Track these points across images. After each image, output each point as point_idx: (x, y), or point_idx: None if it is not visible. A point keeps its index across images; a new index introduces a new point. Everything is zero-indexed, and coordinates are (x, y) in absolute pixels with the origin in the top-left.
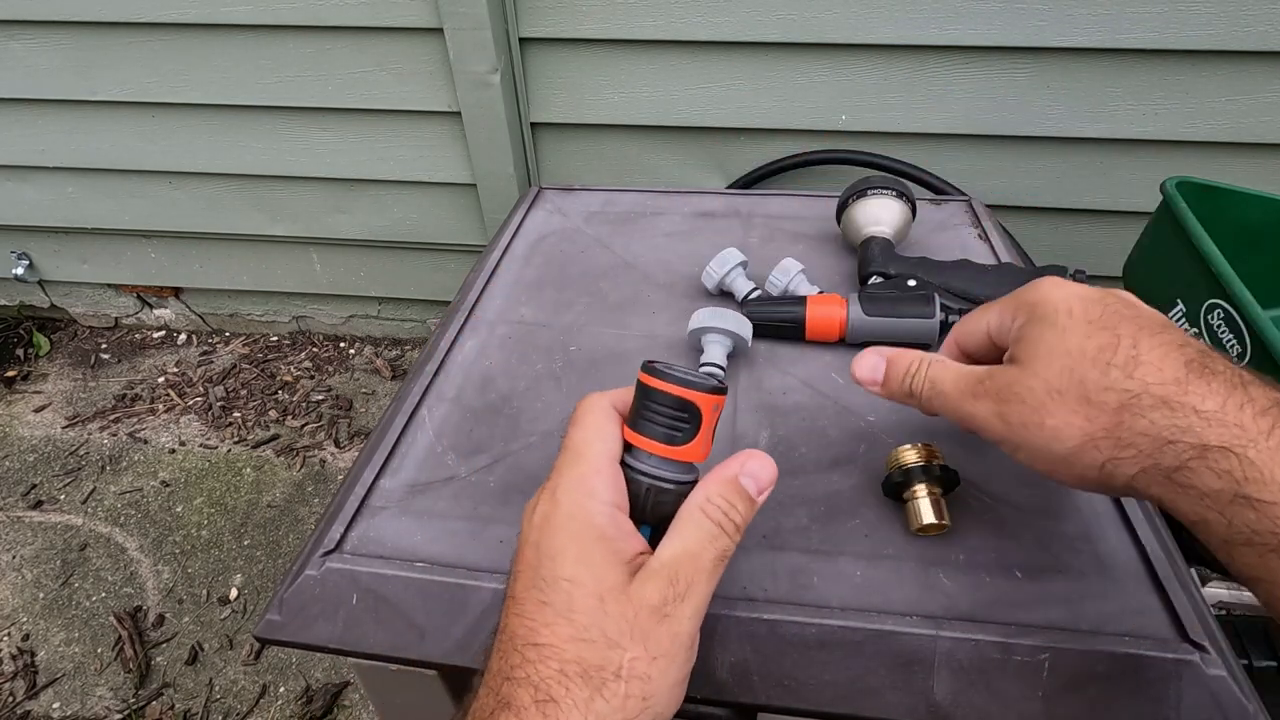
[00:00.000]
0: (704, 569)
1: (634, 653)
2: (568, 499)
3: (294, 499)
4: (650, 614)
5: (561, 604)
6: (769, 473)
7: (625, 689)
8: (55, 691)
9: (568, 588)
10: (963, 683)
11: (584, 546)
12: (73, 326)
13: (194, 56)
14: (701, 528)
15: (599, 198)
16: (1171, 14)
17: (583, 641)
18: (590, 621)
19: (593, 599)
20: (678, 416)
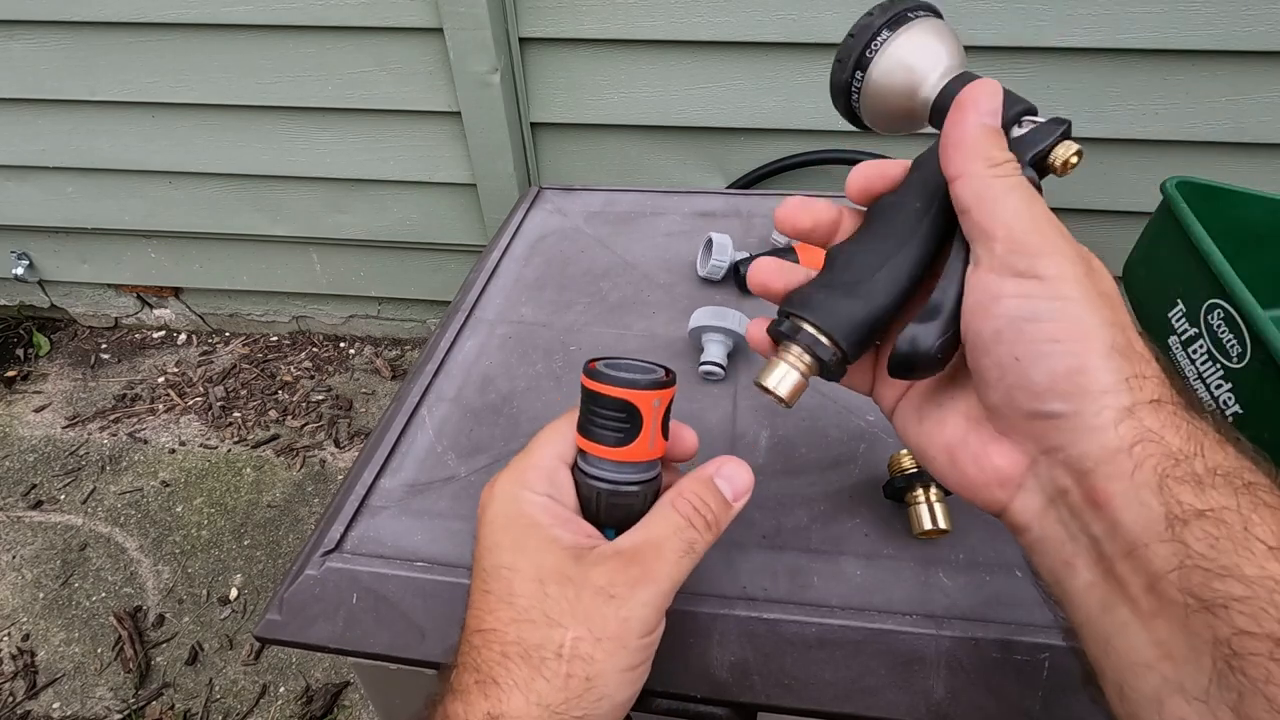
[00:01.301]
0: (665, 557)
1: (576, 632)
2: (502, 492)
3: (294, 499)
4: (595, 594)
5: (502, 590)
6: (744, 478)
7: (567, 668)
8: (55, 691)
9: (507, 574)
10: (963, 682)
11: (518, 535)
12: (73, 326)
13: (194, 56)
14: (668, 519)
15: (599, 198)
16: (1172, 14)
17: (524, 623)
18: (530, 603)
19: (532, 582)
20: (615, 418)
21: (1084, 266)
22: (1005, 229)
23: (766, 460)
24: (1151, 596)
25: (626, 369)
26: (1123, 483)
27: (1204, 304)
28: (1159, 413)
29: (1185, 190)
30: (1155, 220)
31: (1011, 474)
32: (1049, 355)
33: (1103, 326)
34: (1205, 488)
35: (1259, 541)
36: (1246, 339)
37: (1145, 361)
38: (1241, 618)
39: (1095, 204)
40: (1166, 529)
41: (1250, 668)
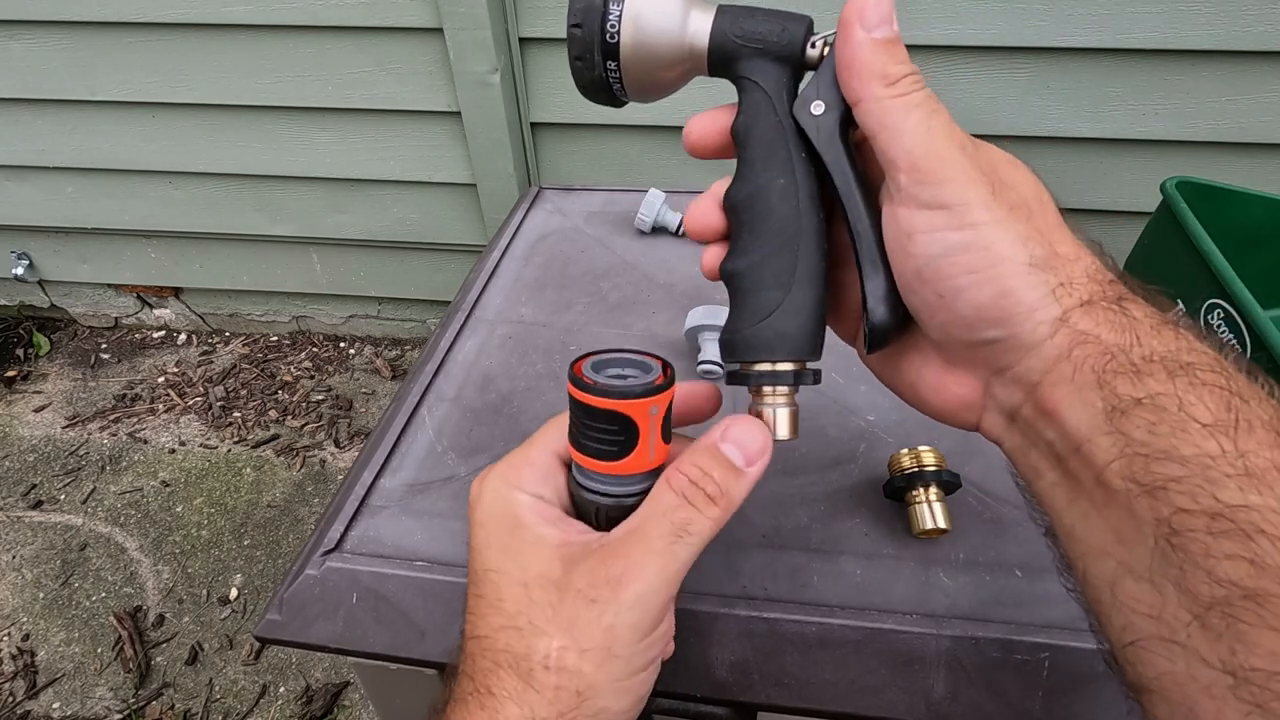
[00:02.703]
0: (652, 547)
1: (560, 641)
2: (491, 490)
3: (294, 499)
4: (576, 599)
5: (491, 595)
6: (757, 438)
7: (555, 680)
8: (55, 691)
9: (495, 578)
10: (963, 682)
11: (506, 536)
12: (73, 326)
13: (194, 56)
14: (657, 500)
15: (599, 198)
16: (1171, 14)
17: (511, 630)
18: (517, 609)
19: (518, 586)
20: (608, 430)
21: (988, 184)
22: (907, 157)
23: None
24: (1100, 487)
25: (617, 367)
26: (1066, 387)
27: (1204, 304)
28: (1091, 313)
29: (1185, 190)
30: (1155, 220)
31: (971, 399)
32: (969, 288)
33: (1016, 244)
34: (1142, 376)
35: (1194, 421)
36: (1247, 339)
37: (1070, 262)
38: (1179, 497)
39: (1095, 204)
40: (1107, 421)
41: (1189, 544)
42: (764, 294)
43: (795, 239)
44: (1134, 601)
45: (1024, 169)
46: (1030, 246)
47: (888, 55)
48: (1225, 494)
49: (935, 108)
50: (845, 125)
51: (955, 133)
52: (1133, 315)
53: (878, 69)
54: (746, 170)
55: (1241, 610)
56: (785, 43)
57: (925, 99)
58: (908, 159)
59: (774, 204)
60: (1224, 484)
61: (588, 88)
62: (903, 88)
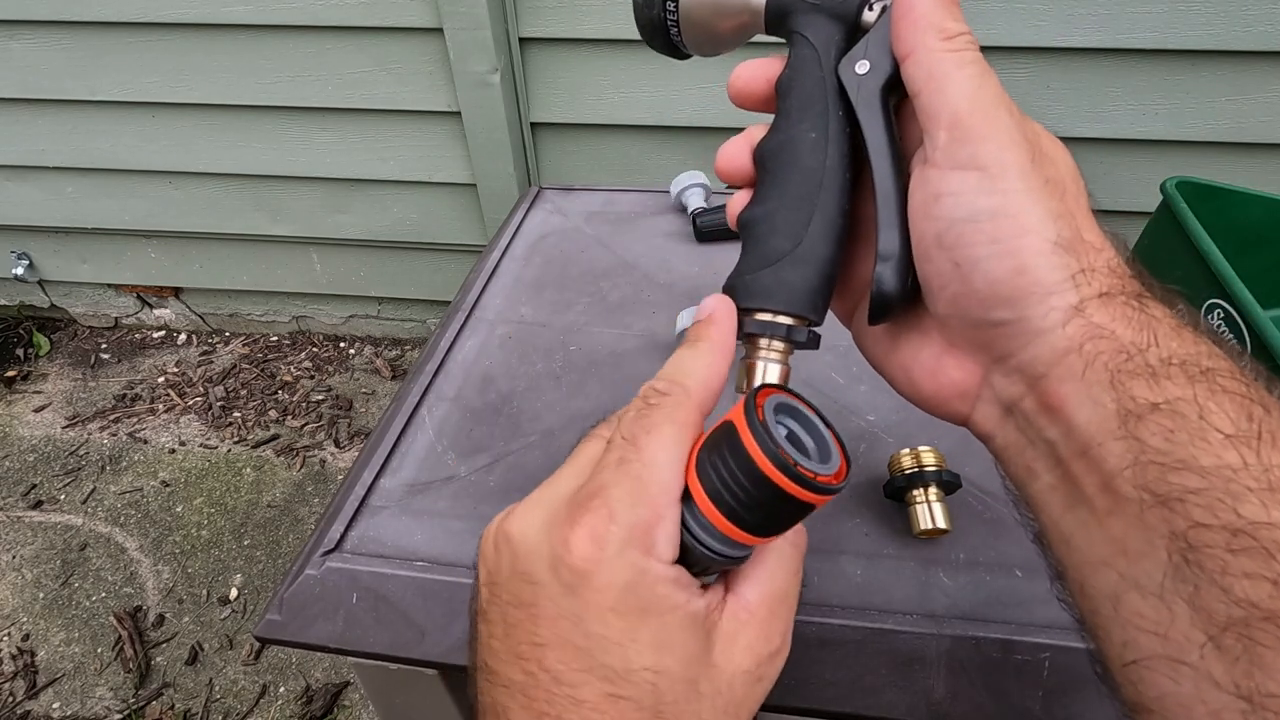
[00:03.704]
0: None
1: None
2: (626, 567)
3: (294, 499)
4: (744, 681)
5: (646, 698)
6: None
7: None
8: (55, 691)
9: (651, 678)
10: (963, 682)
11: (660, 627)
12: (73, 326)
13: (194, 56)
14: (788, 563)
15: (599, 198)
16: (1172, 14)
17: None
18: (683, 710)
19: (682, 684)
20: (786, 512)
21: (1029, 151)
22: (950, 112)
23: None
24: (1106, 495)
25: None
26: (1074, 384)
27: (1204, 304)
28: (1109, 306)
29: (1185, 190)
30: (1155, 220)
31: (967, 386)
32: (988, 259)
33: (1045, 220)
34: (1160, 379)
35: (1215, 430)
36: (1247, 339)
37: (1095, 251)
38: (1197, 510)
39: (1095, 204)
40: (1120, 425)
41: (1206, 560)
42: (774, 241)
43: (815, 193)
44: (1138, 618)
45: (1064, 149)
46: (1059, 225)
47: (947, 10)
48: (1247, 509)
49: (987, 69)
50: (888, 89)
51: (1004, 97)
52: (1152, 314)
53: (935, 21)
54: (781, 120)
55: (1260, 633)
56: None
57: (979, 59)
58: (951, 113)
59: (801, 155)
60: (1246, 498)
61: (646, 28)
62: (958, 44)
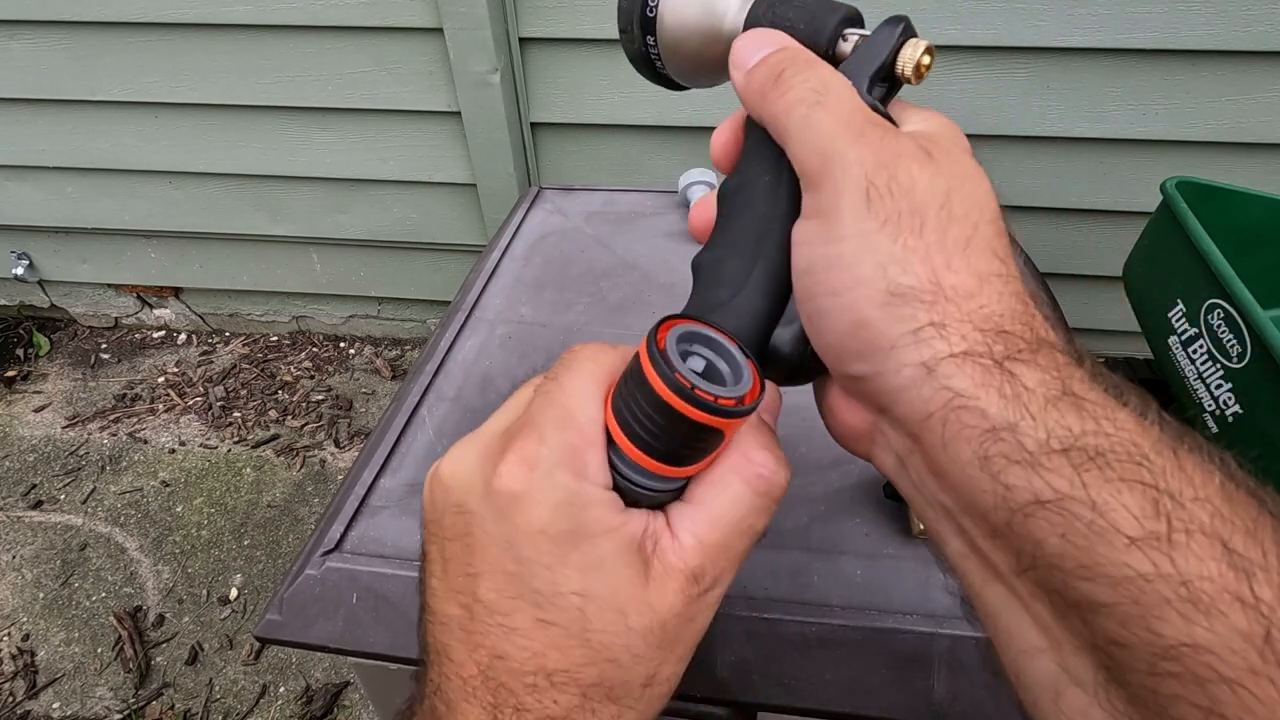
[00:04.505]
0: (737, 554)
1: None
2: (554, 488)
3: (294, 499)
4: (677, 620)
5: (573, 624)
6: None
7: (650, 693)
8: (55, 691)
9: (578, 603)
10: (963, 681)
11: (590, 549)
12: (73, 326)
13: (194, 56)
14: (739, 501)
15: (599, 197)
16: (1171, 14)
17: (606, 663)
18: (612, 640)
19: (611, 613)
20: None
21: (863, 189)
22: (798, 161)
23: None
24: (1024, 581)
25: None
26: (947, 455)
27: (1204, 304)
28: (966, 368)
29: (1185, 190)
30: (1155, 220)
31: (861, 430)
32: (830, 312)
33: (878, 267)
34: (1040, 469)
35: (1117, 532)
36: (1246, 339)
37: (955, 299)
38: (1112, 626)
39: (1095, 204)
40: (1008, 519)
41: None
42: (715, 291)
43: (763, 240)
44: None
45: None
46: (894, 272)
47: (762, 69)
48: (1166, 628)
49: (819, 97)
50: None
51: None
52: (1022, 383)
53: (757, 83)
54: (742, 162)
55: None
56: (816, 29)
57: (808, 90)
58: (798, 163)
59: (753, 200)
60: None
61: (634, 62)
62: (783, 84)
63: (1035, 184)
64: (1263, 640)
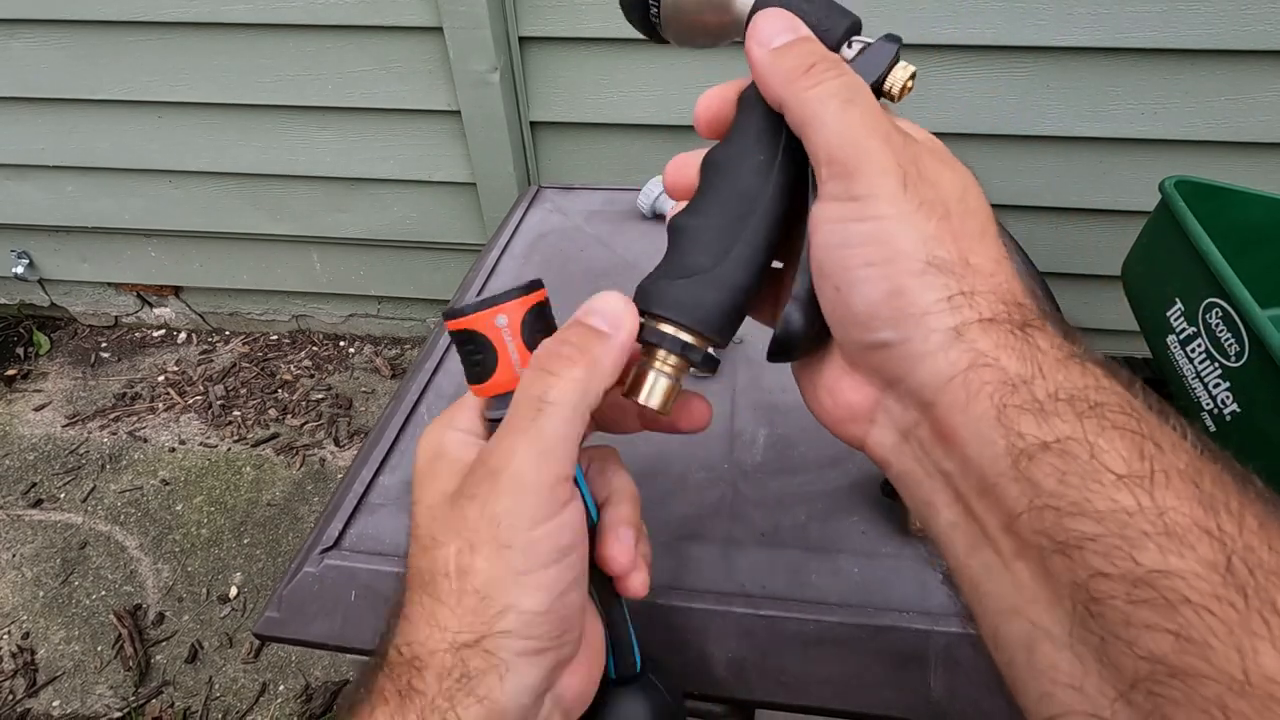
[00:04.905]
0: (516, 429)
1: (455, 545)
2: (427, 434)
3: (293, 497)
4: (463, 502)
5: (412, 527)
6: (614, 303)
7: (456, 585)
8: (55, 689)
9: (413, 509)
10: (960, 679)
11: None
12: (73, 325)
13: (194, 55)
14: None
15: (599, 197)
16: (1171, 13)
17: (420, 552)
18: (423, 531)
19: (424, 509)
20: (468, 350)
21: (900, 177)
22: (825, 149)
23: (764, 458)
24: (1010, 538)
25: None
26: (963, 414)
27: (1202, 303)
28: (990, 333)
29: (1184, 189)
30: (1154, 219)
31: (862, 408)
32: (864, 281)
33: (919, 242)
34: (1048, 415)
35: (1107, 471)
36: (1245, 338)
37: (980, 275)
38: (1095, 558)
39: (1094, 203)
40: (1012, 465)
41: (1109, 611)
42: (696, 255)
43: (748, 216)
44: (1053, 670)
45: (955, 168)
46: (931, 246)
47: (792, 54)
48: (1145, 556)
49: (852, 96)
50: None
51: (878, 121)
52: (1037, 344)
53: (785, 66)
54: (734, 133)
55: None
56: (824, 29)
57: (841, 87)
58: (825, 151)
59: (743, 174)
60: (1143, 544)
61: (627, 4)
62: (815, 76)
63: (1035, 183)
64: (1225, 568)
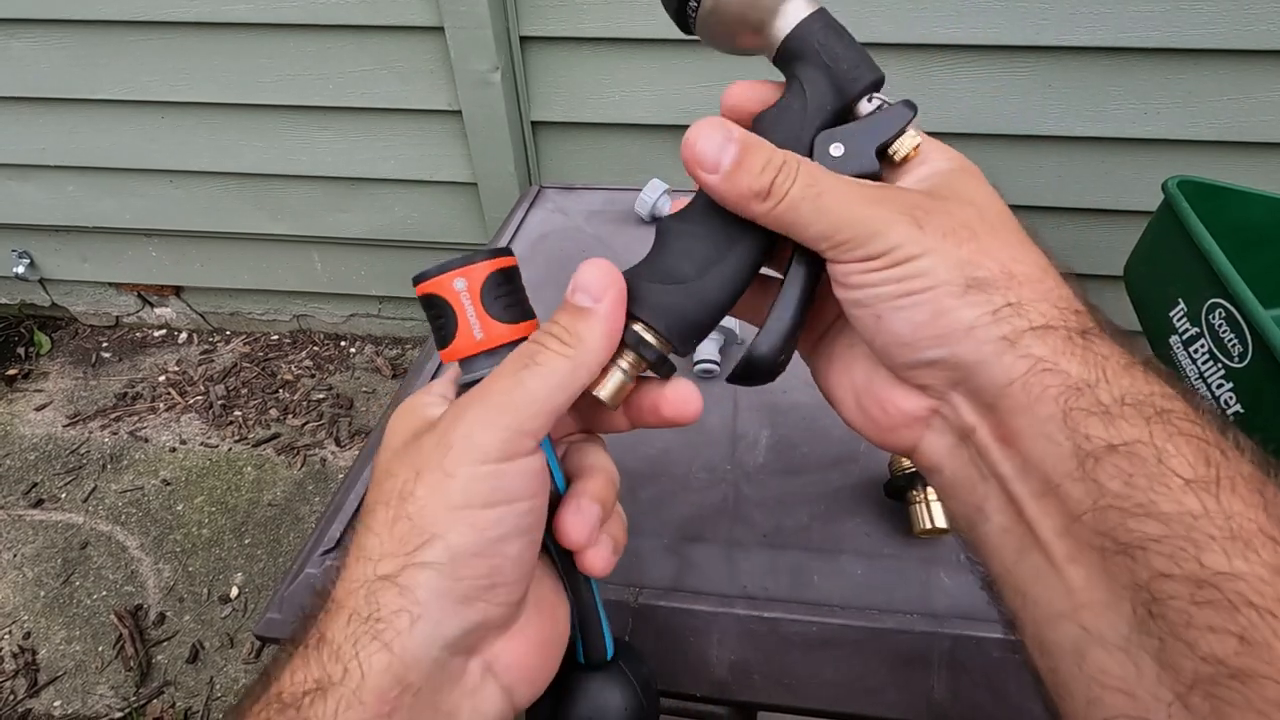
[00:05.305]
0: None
1: (403, 475)
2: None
3: (294, 498)
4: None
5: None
6: (599, 274)
7: (393, 513)
8: (56, 689)
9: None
10: (964, 681)
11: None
12: (74, 325)
13: (195, 55)
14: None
15: (600, 196)
16: (1173, 13)
17: (371, 489)
18: (380, 470)
19: (387, 451)
20: (433, 315)
21: (909, 222)
22: (819, 239)
23: (767, 459)
24: (1066, 540)
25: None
26: (1026, 417)
27: (1205, 303)
28: (1048, 339)
29: (1187, 189)
30: (1156, 219)
31: (918, 414)
32: (906, 308)
33: (955, 267)
34: (1114, 419)
35: (1174, 475)
36: (1248, 338)
37: (1026, 284)
38: (1159, 559)
39: (1096, 203)
40: (1078, 466)
41: (1170, 612)
42: (680, 263)
43: (737, 239)
44: (1104, 675)
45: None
46: (968, 269)
47: (745, 175)
48: (1210, 558)
49: (819, 189)
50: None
51: (854, 192)
52: (1099, 350)
53: (744, 192)
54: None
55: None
56: (851, 78)
57: (804, 188)
58: (825, 241)
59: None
60: (1209, 547)
61: None
62: (776, 193)
63: (1037, 183)
64: None
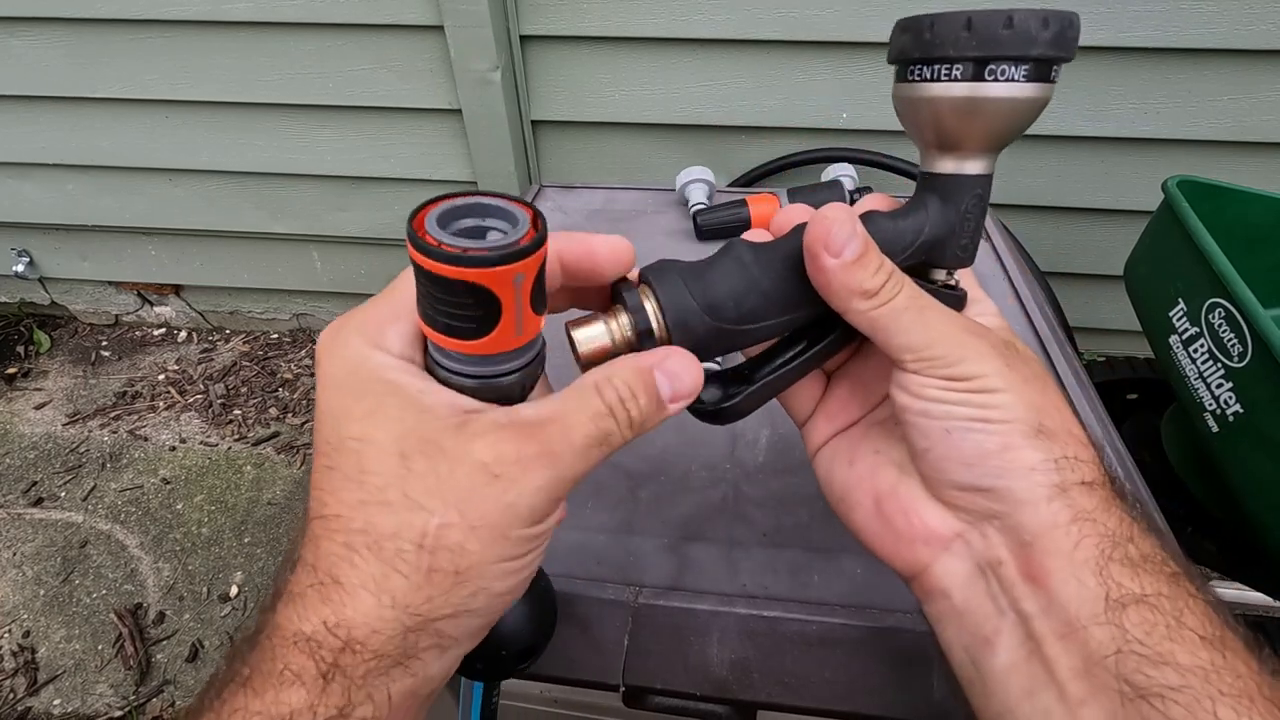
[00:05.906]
0: (574, 442)
1: (445, 517)
2: (348, 349)
3: (294, 496)
4: (475, 471)
5: (351, 467)
6: (691, 378)
7: (430, 561)
8: (56, 688)
9: (356, 447)
10: None
11: (372, 399)
12: (73, 324)
13: (195, 53)
14: (586, 401)
15: (600, 196)
16: (1174, 13)
17: (375, 505)
18: (387, 482)
19: (391, 456)
20: (462, 304)
21: (1001, 359)
22: (910, 351)
23: (766, 458)
24: (1083, 681)
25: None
26: (1062, 559)
27: (1205, 303)
28: (1092, 494)
29: (1187, 189)
30: (1156, 219)
31: (941, 533)
32: (978, 431)
33: (1030, 410)
34: (1140, 573)
35: (1190, 631)
36: (1248, 338)
37: (1080, 445)
38: (1177, 708)
39: (1096, 203)
40: (1105, 611)
41: None
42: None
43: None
44: None
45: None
46: (1040, 416)
47: (862, 271)
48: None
49: (923, 303)
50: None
51: (954, 316)
52: (1126, 513)
53: (854, 287)
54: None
55: None
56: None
57: (910, 299)
58: (911, 353)
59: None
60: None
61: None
62: (884, 296)
63: (1037, 183)
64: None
